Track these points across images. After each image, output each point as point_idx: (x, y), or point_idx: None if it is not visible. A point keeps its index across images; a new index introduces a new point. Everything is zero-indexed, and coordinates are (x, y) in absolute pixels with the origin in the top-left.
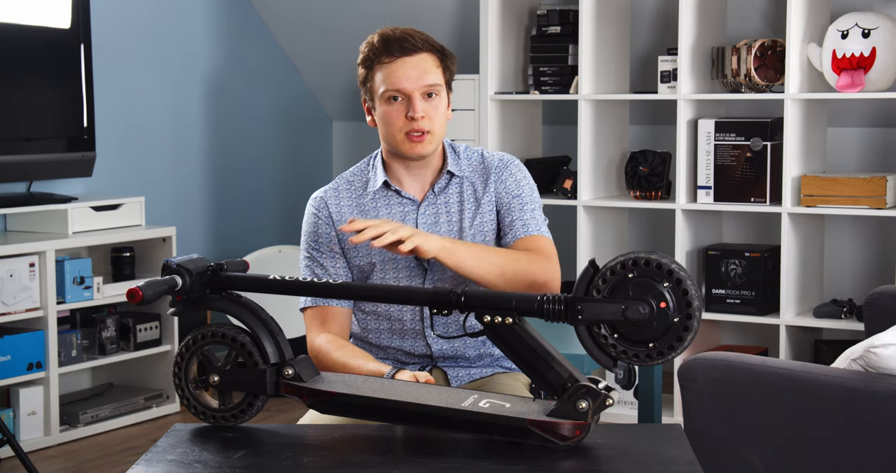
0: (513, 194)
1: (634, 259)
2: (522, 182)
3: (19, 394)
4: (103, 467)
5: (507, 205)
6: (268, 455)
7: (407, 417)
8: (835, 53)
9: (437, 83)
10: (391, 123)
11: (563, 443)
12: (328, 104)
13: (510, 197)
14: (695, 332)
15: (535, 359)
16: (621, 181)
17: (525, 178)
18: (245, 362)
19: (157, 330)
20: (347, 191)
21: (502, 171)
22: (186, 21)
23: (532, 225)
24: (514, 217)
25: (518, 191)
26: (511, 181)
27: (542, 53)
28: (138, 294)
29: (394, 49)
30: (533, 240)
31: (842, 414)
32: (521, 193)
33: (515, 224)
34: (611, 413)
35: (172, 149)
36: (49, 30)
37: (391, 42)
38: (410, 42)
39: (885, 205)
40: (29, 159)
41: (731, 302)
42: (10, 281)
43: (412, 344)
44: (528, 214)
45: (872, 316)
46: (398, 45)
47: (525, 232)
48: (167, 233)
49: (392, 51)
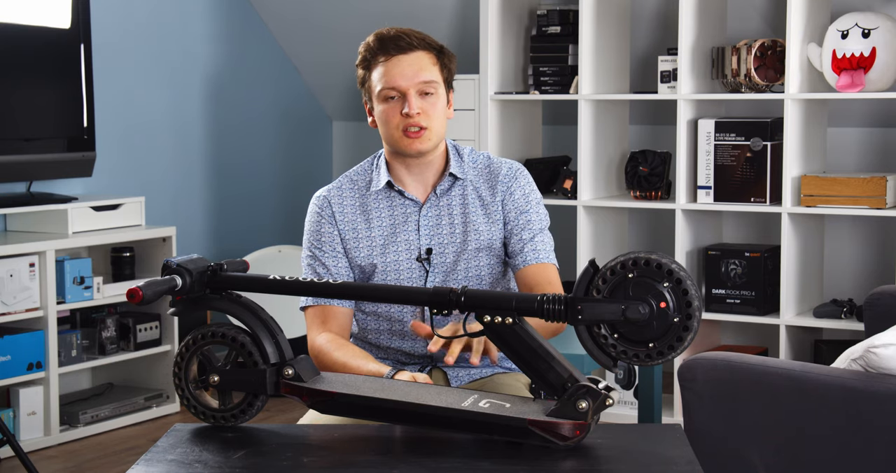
0: (520, 210)
1: (634, 259)
2: (531, 196)
3: (19, 394)
4: (103, 467)
5: (515, 221)
6: (268, 455)
7: (407, 417)
8: (835, 53)
9: (432, 80)
10: (388, 121)
11: (563, 443)
12: (328, 104)
13: (517, 212)
14: (695, 332)
15: (535, 359)
16: (621, 181)
17: (533, 192)
18: (245, 362)
19: (157, 330)
20: (351, 190)
21: (510, 182)
22: (186, 21)
23: (542, 251)
24: (522, 238)
25: (526, 207)
26: (519, 194)
27: (542, 53)
28: (138, 294)
29: (389, 48)
30: (543, 270)
31: (842, 414)
32: (529, 209)
33: (525, 248)
34: (611, 413)
35: (172, 149)
36: (49, 30)
37: (386, 41)
38: (406, 40)
39: (885, 205)
40: (29, 159)
41: (731, 302)
42: (10, 281)
43: (412, 344)
44: (537, 237)
45: (872, 316)
46: (393, 44)
47: (536, 259)
48: (167, 233)
49: (388, 49)
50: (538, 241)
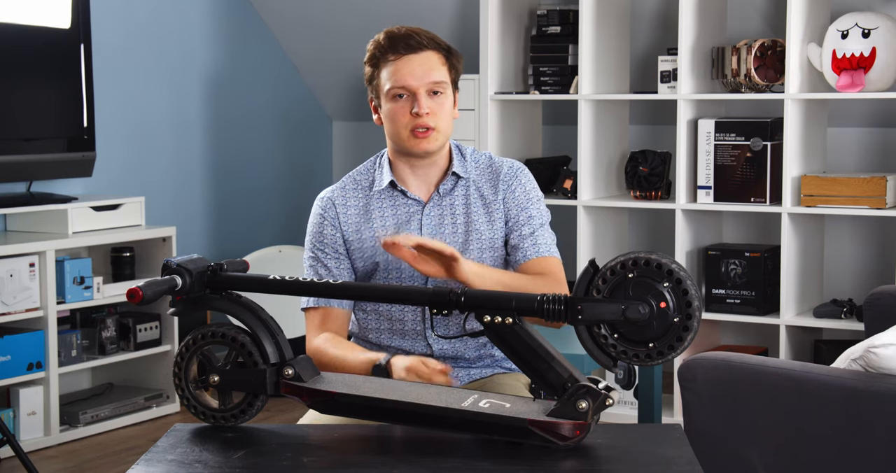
0: (521, 206)
1: (634, 259)
2: (531, 193)
3: (19, 394)
4: (103, 467)
5: (516, 218)
6: (268, 455)
7: (407, 417)
8: (835, 53)
9: (442, 80)
10: (396, 120)
11: (563, 443)
12: (328, 104)
13: (518, 209)
14: (695, 332)
15: (535, 359)
16: (621, 181)
17: (534, 190)
18: (245, 362)
19: (157, 330)
20: (354, 190)
21: (511, 180)
22: (186, 21)
23: (542, 245)
24: (523, 233)
25: (526, 204)
26: (520, 191)
27: (542, 53)
28: (138, 294)
29: (399, 46)
30: (544, 263)
31: (842, 414)
32: (530, 206)
33: (525, 243)
34: (611, 413)
35: (172, 149)
36: (49, 30)
37: (397, 40)
38: (416, 39)
39: (885, 205)
40: (29, 159)
41: (731, 302)
42: (10, 281)
43: (412, 344)
44: (538, 232)
45: (872, 316)
46: (404, 43)
47: (536, 252)
48: (167, 233)
49: (398, 48)
50: (538, 236)
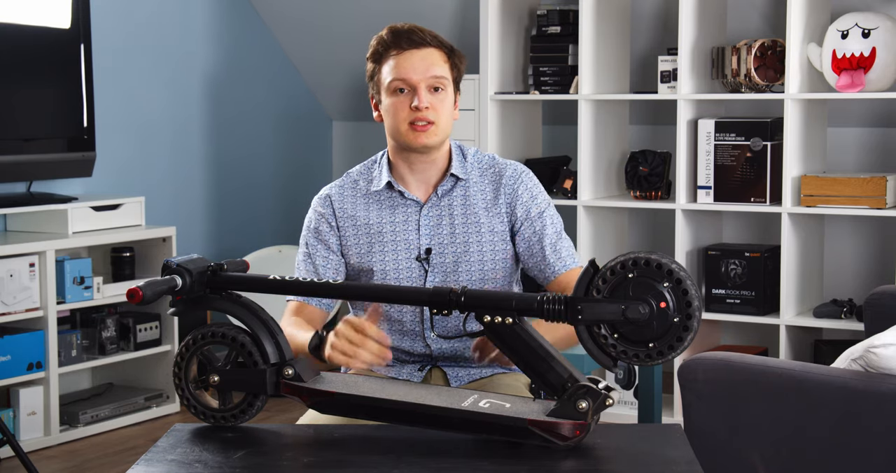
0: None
1: (634, 259)
2: (538, 198)
3: (19, 394)
4: (103, 467)
5: (527, 231)
6: (268, 455)
7: (407, 417)
8: (835, 53)
9: (443, 76)
10: (396, 114)
11: (563, 443)
12: (328, 104)
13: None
14: (695, 332)
15: (535, 359)
16: (621, 181)
17: (541, 194)
18: (245, 362)
19: (157, 330)
20: (353, 189)
21: (515, 184)
22: (186, 21)
23: (567, 258)
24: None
25: (536, 214)
26: (527, 197)
27: (542, 53)
28: (138, 294)
29: (402, 42)
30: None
31: (842, 414)
32: (542, 216)
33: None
34: (611, 413)
35: (172, 149)
36: (49, 30)
37: (400, 35)
38: (419, 36)
39: (885, 205)
40: (29, 159)
41: (731, 302)
42: (10, 281)
43: (412, 343)
44: (558, 244)
45: (872, 316)
46: (407, 38)
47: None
48: (167, 233)
49: (401, 43)
50: (560, 249)
